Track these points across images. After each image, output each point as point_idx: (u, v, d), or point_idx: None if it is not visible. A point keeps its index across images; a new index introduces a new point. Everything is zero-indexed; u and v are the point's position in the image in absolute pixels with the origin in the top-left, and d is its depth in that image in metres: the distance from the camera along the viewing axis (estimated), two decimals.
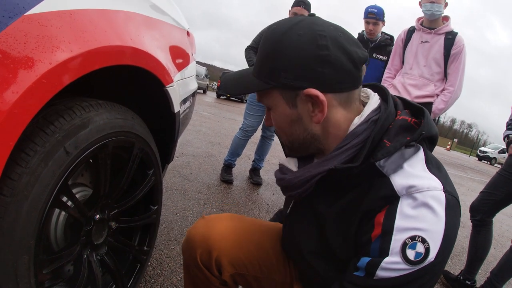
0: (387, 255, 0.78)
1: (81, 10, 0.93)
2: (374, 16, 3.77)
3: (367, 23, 3.84)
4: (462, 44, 3.14)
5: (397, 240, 0.78)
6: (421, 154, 0.88)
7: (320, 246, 0.99)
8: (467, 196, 7.73)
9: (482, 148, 38.12)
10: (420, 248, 0.76)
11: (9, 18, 0.71)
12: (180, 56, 1.75)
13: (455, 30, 3.19)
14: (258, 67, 0.93)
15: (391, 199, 0.82)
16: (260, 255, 1.22)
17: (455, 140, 63.86)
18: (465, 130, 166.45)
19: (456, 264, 3.27)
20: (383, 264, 0.78)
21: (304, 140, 0.96)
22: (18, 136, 0.75)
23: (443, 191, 0.80)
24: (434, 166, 0.87)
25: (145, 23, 1.32)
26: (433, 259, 0.76)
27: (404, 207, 0.79)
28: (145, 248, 1.52)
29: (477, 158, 36.81)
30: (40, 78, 0.75)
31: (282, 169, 1.09)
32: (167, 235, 2.45)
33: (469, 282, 2.72)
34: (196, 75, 2.46)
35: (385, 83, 3.55)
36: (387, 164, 0.85)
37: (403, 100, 1.03)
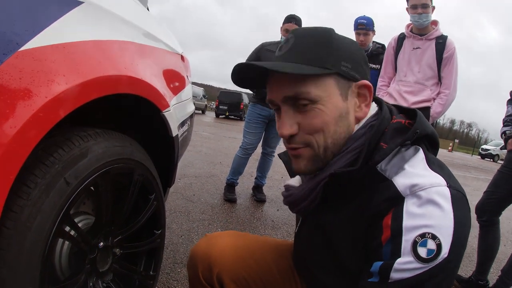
0: (399, 256, 0.76)
1: (75, 42, 0.95)
2: (364, 27, 3.82)
3: (357, 34, 3.88)
4: (453, 47, 3.19)
5: (407, 240, 0.76)
6: (421, 154, 0.87)
7: (329, 261, 0.98)
8: (473, 196, 7.68)
9: (484, 146, 38.11)
10: (431, 244, 0.74)
11: (4, 55, 0.73)
12: (175, 80, 1.77)
13: (444, 34, 3.23)
14: (309, 55, 0.87)
15: (396, 200, 0.80)
16: (262, 271, 1.22)
17: (456, 140, 63.73)
18: (465, 130, 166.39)
19: (467, 266, 3.24)
20: (396, 265, 0.76)
21: (341, 141, 0.92)
22: (18, 169, 0.76)
23: (447, 186, 0.79)
24: (435, 165, 0.86)
25: (138, 51, 1.34)
26: (446, 255, 0.74)
27: (409, 206, 0.78)
28: (151, 273, 1.51)
29: (479, 157, 36.64)
30: (37, 112, 0.76)
31: (287, 188, 1.08)
32: (173, 258, 2.45)
33: (481, 283, 2.70)
34: (194, 96, 2.49)
35: (380, 91, 3.57)
36: (388, 168, 0.85)
37: (397, 106, 1.02)
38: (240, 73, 0.96)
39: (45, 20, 0.87)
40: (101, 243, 1.21)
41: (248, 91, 4.23)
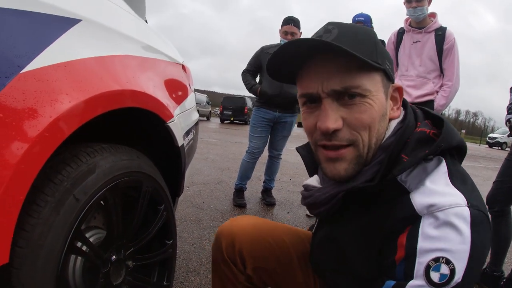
0: (411, 278, 0.74)
1: (75, 60, 0.96)
2: (362, 24, 3.83)
3: None
4: (453, 38, 3.20)
5: (420, 263, 0.73)
6: (443, 167, 0.83)
7: (341, 265, 0.98)
8: (483, 186, 7.63)
9: (491, 135, 37.63)
10: (444, 269, 0.71)
11: (6, 78, 0.74)
12: (178, 90, 1.78)
13: (443, 25, 3.23)
14: (361, 46, 0.82)
15: (413, 219, 0.77)
16: (279, 250, 1.24)
17: (463, 131, 63.31)
18: (471, 120, 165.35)
19: None
20: None
21: (378, 143, 0.89)
22: (28, 189, 0.78)
23: (468, 206, 0.75)
24: (458, 179, 0.81)
25: (139, 64, 1.35)
26: (459, 280, 0.71)
27: (426, 227, 0.75)
28: (164, 283, 1.52)
29: (487, 146, 36.24)
30: (42, 131, 0.78)
31: (307, 188, 1.06)
32: (186, 267, 2.45)
33: (496, 274, 2.68)
34: (198, 103, 2.50)
35: None
36: (409, 179, 0.83)
37: (423, 110, 0.98)
38: (282, 54, 0.87)
39: (44, 41, 0.89)
40: (114, 257, 1.22)
41: (251, 95, 4.24)
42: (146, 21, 2.07)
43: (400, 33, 3.45)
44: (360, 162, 0.88)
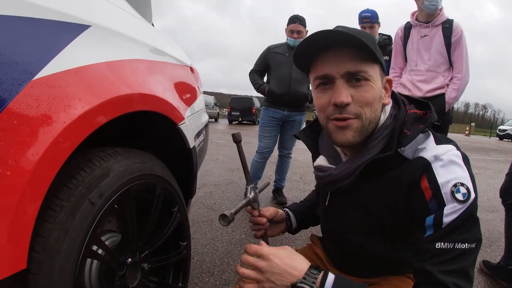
0: (445, 205, 0.96)
1: (86, 66, 0.97)
2: (368, 20, 3.82)
3: (363, 27, 3.88)
4: (460, 29, 3.18)
5: (446, 192, 0.97)
6: (431, 137, 1.08)
7: (366, 226, 1.17)
8: (495, 179, 7.57)
9: (501, 127, 36.84)
10: (463, 190, 0.96)
11: (19, 85, 0.75)
12: (187, 92, 1.79)
13: (449, 18, 3.21)
14: (368, 41, 1.00)
15: (425, 167, 1.01)
16: None
17: (473, 124, 62.70)
18: (481, 112, 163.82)
19: (495, 251, 3.19)
20: (445, 212, 0.96)
21: (376, 119, 1.09)
22: (43, 195, 0.78)
23: (457, 150, 1.04)
24: (443, 140, 1.08)
25: (149, 68, 1.36)
26: (474, 195, 0.97)
27: (438, 168, 0.99)
28: (180, 284, 1.53)
29: (497, 138, 35.75)
30: (56, 137, 0.78)
31: (321, 168, 1.22)
32: (200, 268, 2.46)
33: (511, 267, 2.65)
34: (206, 105, 2.51)
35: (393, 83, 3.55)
36: (406, 149, 1.07)
37: (406, 96, 1.22)
38: (312, 41, 1.04)
39: (55, 47, 0.89)
40: (129, 259, 1.23)
41: (259, 94, 4.27)
42: (153, 25, 2.08)
43: (407, 28, 3.43)
44: (363, 132, 1.08)
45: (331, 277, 0.97)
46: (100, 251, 1.09)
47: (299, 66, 1.16)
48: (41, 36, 0.88)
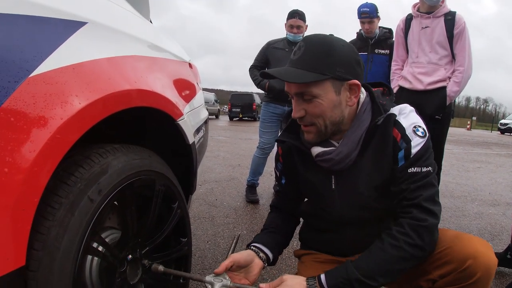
0: (410, 140, 1.29)
1: (83, 62, 0.96)
2: (367, 15, 3.78)
3: (362, 23, 3.85)
4: (463, 22, 3.14)
5: (410, 132, 1.30)
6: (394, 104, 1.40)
7: (377, 190, 1.37)
8: (497, 173, 7.55)
9: (503, 121, 36.69)
10: (421, 129, 1.31)
11: (15, 82, 0.75)
12: (186, 88, 1.79)
13: (452, 10, 3.18)
14: (312, 64, 1.23)
15: (394, 120, 1.32)
16: None
17: (474, 118, 62.58)
18: (482, 106, 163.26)
19: (497, 245, 3.17)
20: (412, 144, 1.28)
21: (338, 121, 1.32)
22: (42, 192, 0.78)
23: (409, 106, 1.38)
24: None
25: (146, 64, 1.36)
26: (427, 133, 1.32)
27: (402, 118, 1.32)
28: (181, 281, 1.53)
29: (499, 132, 35.61)
30: (53, 134, 0.78)
31: (325, 153, 1.37)
32: (201, 264, 2.46)
33: None
34: (206, 102, 2.51)
35: (394, 75, 3.53)
36: (380, 118, 1.33)
37: (370, 84, 1.46)
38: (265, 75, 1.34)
39: (51, 44, 0.89)
40: (130, 256, 1.23)
41: (259, 90, 4.27)
42: (150, 22, 2.08)
43: (409, 19, 3.40)
44: (322, 135, 1.34)
45: (322, 276, 1.26)
46: (100, 248, 1.09)
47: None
48: (37, 33, 0.87)
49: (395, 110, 1.35)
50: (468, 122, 46.25)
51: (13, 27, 0.82)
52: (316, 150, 1.38)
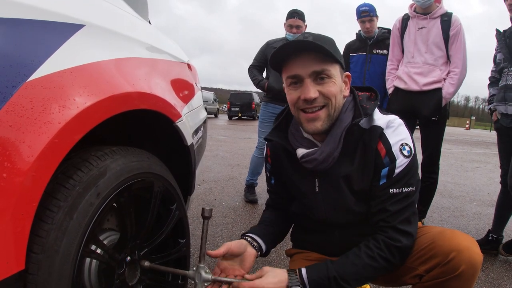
0: (396, 159, 1.32)
1: (81, 66, 0.96)
2: (367, 14, 3.79)
3: (362, 22, 3.86)
4: (459, 23, 3.16)
5: (396, 150, 1.33)
6: (376, 109, 1.41)
7: (357, 196, 1.42)
8: (495, 173, 7.57)
9: None
10: (408, 148, 1.34)
11: (13, 87, 0.75)
12: (185, 89, 1.79)
13: (448, 11, 3.20)
14: (330, 46, 1.28)
15: (380, 133, 1.34)
16: None
17: (473, 117, 62.73)
18: (481, 106, 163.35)
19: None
20: (396, 164, 1.32)
21: (339, 108, 1.37)
22: (40, 195, 0.79)
23: (399, 118, 1.40)
24: (386, 112, 1.43)
25: (145, 66, 1.36)
26: (413, 151, 1.35)
27: (389, 133, 1.35)
28: (179, 281, 1.53)
29: None
30: (52, 139, 0.78)
31: (308, 154, 1.40)
32: None
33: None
34: (205, 101, 2.51)
35: (390, 75, 3.55)
36: (363, 122, 1.37)
37: (356, 87, 1.52)
38: (282, 49, 1.31)
39: (49, 48, 0.89)
40: (128, 258, 1.23)
41: (258, 90, 4.28)
42: (149, 22, 2.08)
43: (405, 19, 3.41)
44: (330, 120, 1.35)
45: (303, 270, 1.33)
46: (98, 250, 1.09)
47: (273, 67, 1.41)
48: (34, 37, 0.88)
49: (382, 121, 1.36)
50: (467, 122, 46.28)
51: (10, 31, 0.82)
52: (301, 151, 1.43)
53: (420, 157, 3.41)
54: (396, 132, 1.34)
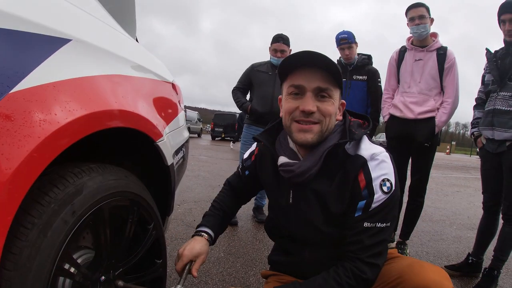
0: (374, 193, 1.32)
1: (64, 81, 0.96)
2: (346, 41, 3.91)
3: (341, 49, 3.98)
4: (453, 57, 3.33)
5: (376, 184, 1.33)
6: (366, 139, 1.43)
7: (327, 217, 1.44)
8: (475, 197, 7.68)
9: None
10: (388, 184, 1.33)
11: None
12: (168, 108, 1.79)
13: (444, 45, 3.37)
14: (334, 69, 1.32)
15: (363, 164, 1.35)
16: None
17: (453, 142, 63.90)
18: (461, 131, 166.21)
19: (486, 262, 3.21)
20: (374, 199, 1.32)
21: (331, 129, 1.39)
22: (15, 211, 0.77)
23: (386, 152, 1.39)
24: (375, 143, 1.43)
25: (128, 84, 1.36)
26: (394, 188, 1.34)
27: (372, 166, 1.35)
28: None
29: (478, 156, 36.52)
30: (31, 153, 0.77)
31: (288, 164, 1.44)
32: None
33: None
34: (189, 120, 2.50)
35: (385, 104, 3.66)
36: (349, 148, 1.39)
37: (348, 111, 1.56)
38: (293, 58, 1.36)
39: (34, 61, 0.89)
40: (103, 277, 1.21)
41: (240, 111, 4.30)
42: (136, 40, 2.08)
43: (402, 52, 3.56)
44: (320, 136, 1.37)
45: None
46: (72, 269, 1.07)
47: (280, 70, 1.43)
48: (20, 49, 0.87)
49: (367, 152, 1.37)
50: (448, 147, 47.02)
51: None
52: (282, 159, 1.47)
53: (408, 181, 3.50)
54: (380, 166, 1.34)
